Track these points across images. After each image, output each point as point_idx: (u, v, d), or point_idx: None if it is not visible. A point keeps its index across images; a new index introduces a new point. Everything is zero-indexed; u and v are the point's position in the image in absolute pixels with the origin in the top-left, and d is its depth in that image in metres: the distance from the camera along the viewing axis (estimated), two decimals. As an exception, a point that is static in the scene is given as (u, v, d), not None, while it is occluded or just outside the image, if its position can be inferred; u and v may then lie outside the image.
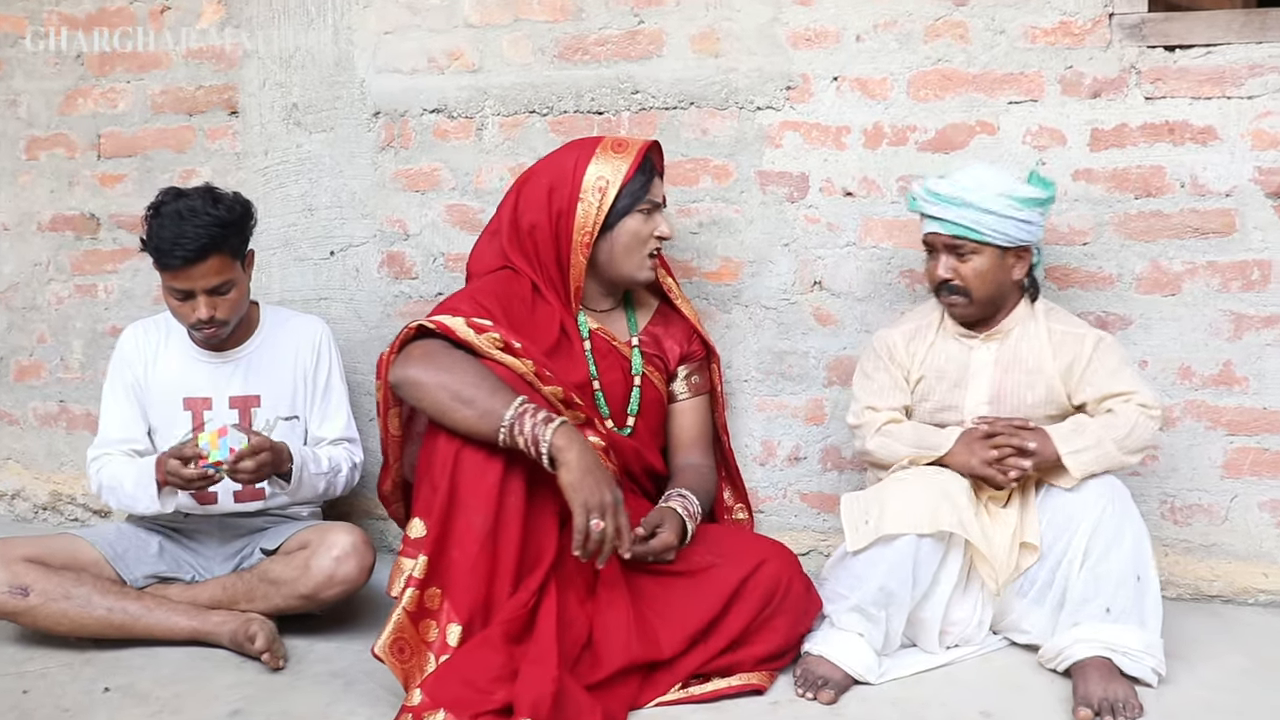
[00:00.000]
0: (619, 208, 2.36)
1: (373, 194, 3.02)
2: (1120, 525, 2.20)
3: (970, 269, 2.33)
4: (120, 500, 2.54)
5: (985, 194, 2.28)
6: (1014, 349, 2.40)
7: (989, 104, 2.66)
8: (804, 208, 2.78)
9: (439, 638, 2.09)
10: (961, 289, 2.34)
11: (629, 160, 2.37)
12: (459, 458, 2.13)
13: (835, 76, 2.73)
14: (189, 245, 2.37)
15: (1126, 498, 2.25)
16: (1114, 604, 2.16)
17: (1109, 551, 2.18)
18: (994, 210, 2.27)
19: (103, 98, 3.20)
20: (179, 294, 2.45)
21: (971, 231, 2.29)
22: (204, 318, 2.45)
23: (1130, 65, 2.59)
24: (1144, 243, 2.62)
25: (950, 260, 2.34)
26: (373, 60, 2.99)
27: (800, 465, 2.83)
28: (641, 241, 2.40)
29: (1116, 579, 2.17)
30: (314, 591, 2.43)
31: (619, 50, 2.84)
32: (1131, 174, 2.60)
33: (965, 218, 2.28)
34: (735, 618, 2.20)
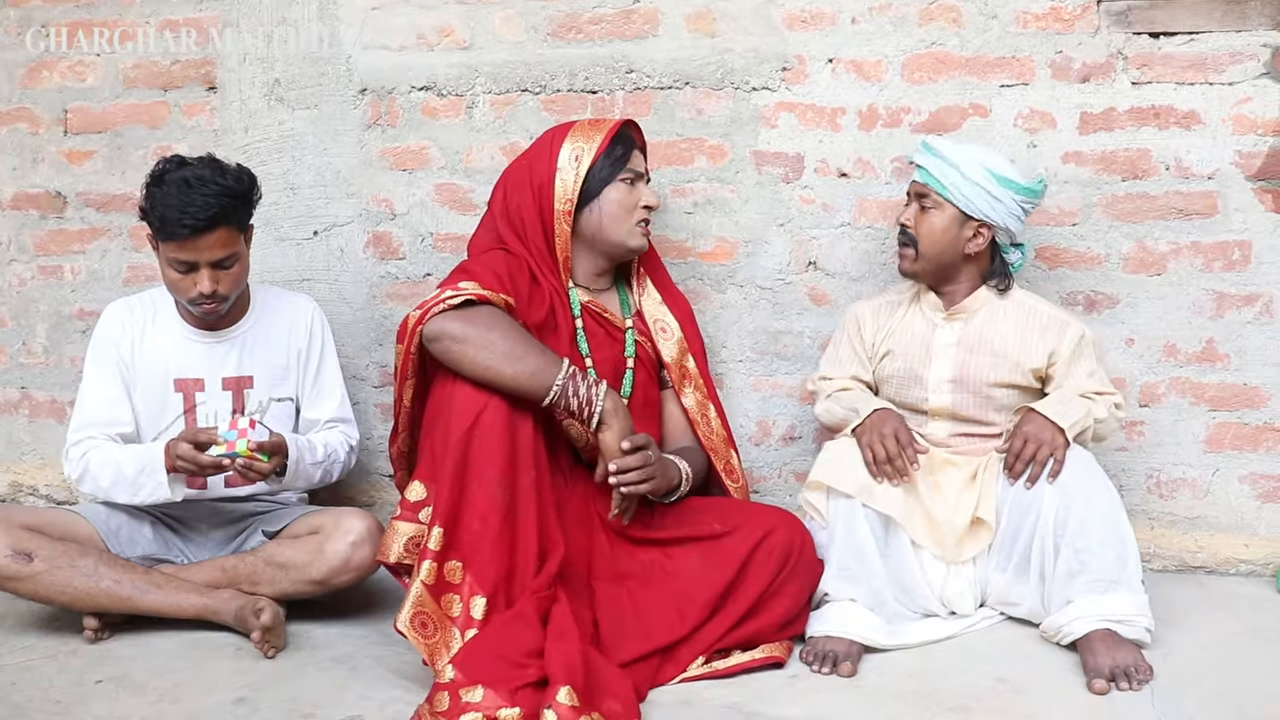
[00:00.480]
0: (599, 176, 2.38)
1: (358, 173, 2.96)
2: (1089, 492, 2.24)
3: (926, 222, 2.41)
4: (113, 486, 2.42)
5: (965, 157, 2.38)
6: (979, 330, 2.46)
7: (982, 87, 2.70)
8: (799, 188, 2.79)
9: (463, 612, 2.06)
10: (912, 238, 2.42)
11: (603, 132, 2.41)
12: (479, 421, 2.11)
13: (830, 58, 2.75)
14: (198, 214, 2.30)
15: (1090, 462, 2.29)
16: (1103, 576, 2.20)
17: (1085, 523, 2.21)
18: (967, 173, 2.36)
19: (70, 71, 3.08)
20: (182, 266, 2.37)
21: (938, 184, 2.38)
22: (206, 291, 2.38)
23: (1118, 51, 2.65)
24: (1131, 223, 2.68)
25: (915, 208, 2.43)
26: (359, 36, 2.93)
27: (795, 445, 2.85)
28: (628, 210, 2.41)
29: (1098, 549, 2.20)
30: (327, 577, 2.37)
31: (613, 29, 2.82)
32: (1119, 157, 2.66)
33: (938, 170, 2.38)
34: (751, 583, 2.20)
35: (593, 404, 2.18)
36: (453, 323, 2.17)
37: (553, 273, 2.41)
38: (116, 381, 2.52)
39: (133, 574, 2.37)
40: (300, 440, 2.50)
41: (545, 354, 2.19)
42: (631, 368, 2.46)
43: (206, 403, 2.54)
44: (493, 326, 2.17)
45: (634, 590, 2.22)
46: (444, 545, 2.08)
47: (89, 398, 2.52)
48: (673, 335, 2.54)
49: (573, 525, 2.25)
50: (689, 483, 2.37)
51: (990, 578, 2.36)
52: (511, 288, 2.31)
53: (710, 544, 2.25)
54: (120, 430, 2.50)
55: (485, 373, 2.14)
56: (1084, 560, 2.20)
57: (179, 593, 2.38)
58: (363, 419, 2.96)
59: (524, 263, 2.40)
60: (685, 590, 2.20)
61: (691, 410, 2.51)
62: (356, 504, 2.99)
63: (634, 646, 2.13)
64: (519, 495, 2.12)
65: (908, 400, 2.47)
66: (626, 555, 2.27)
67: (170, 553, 2.53)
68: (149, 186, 2.36)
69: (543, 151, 2.43)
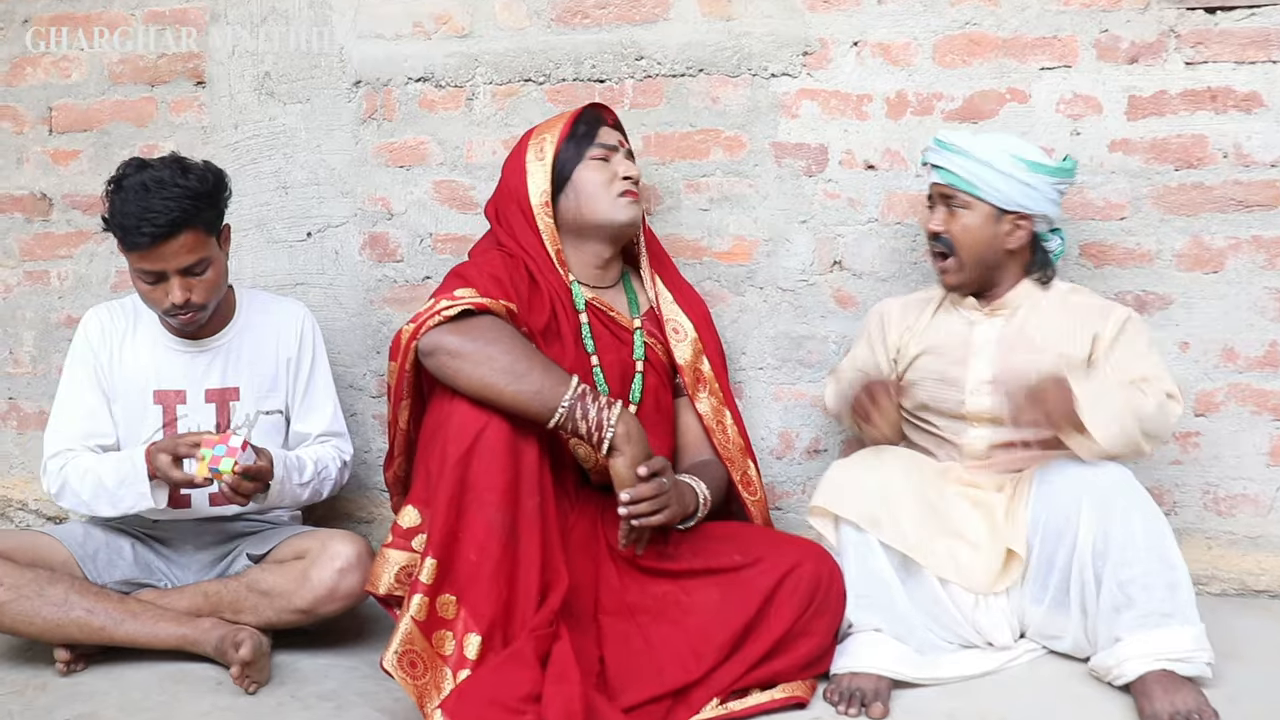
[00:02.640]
0: (567, 161, 2.27)
1: (353, 170, 2.80)
2: (1130, 515, 2.01)
3: (959, 225, 2.22)
4: (94, 499, 2.27)
5: (988, 147, 2.18)
6: (1020, 326, 2.26)
7: (1020, 70, 2.50)
8: (822, 182, 2.60)
9: (455, 651, 1.89)
10: (949, 245, 2.23)
11: (564, 120, 2.31)
12: (479, 442, 1.93)
13: (856, 41, 2.56)
14: (158, 220, 2.14)
15: (1128, 480, 2.06)
16: (1152, 609, 1.99)
17: (1127, 551, 2.00)
18: (993, 164, 2.17)
19: (54, 67, 2.94)
20: (149, 277, 2.21)
21: (965, 183, 2.19)
22: (178, 302, 2.22)
23: (1169, 28, 2.44)
24: (1184, 217, 2.47)
25: (942, 212, 2.24)
26: (353, 25, 2.76)
27: (821, 458, 2.65)
28: (604, 185, 2.27)
29: (1144, 580, 1.99)
30: (313, 606, 2.21)
31: (621, 13, 2.64)
32: (1171, 144, 2.46)
33: (962, 167, 2.19)
34: (774, 622, 2.00)
35: (603, 428, 1.99)
36: (449, 336, 2.01)
37: (552, 271, 2.27)
38: (95, 391, 2.37)
39: (107, 602, 2.21)
40: (288, 458, 2.35)
41: (551, 371, 2.01)
42: (641, 371, 2.29)
43: (188, 416, 2.39)
44: (493, 340, 2.00)
45: (645, 626, 2.04)
46: (437, 578, 1.91)
47: (66, 408, 2.38)
48: (686, 336, 2.36)
49: (578, 554, 2.08)
50: (706, 507, 2.18)
51: (1027, 609, 2.15)
52: (512, 291, 2.15)
53: (730, 577, 2.05)
54: (100, 442, 2.37)
55: (484, 390, 1.97)
56: (1129, 593, 1.99)
57: (157, 622, 2.22)
58: (359, 431, 2.80)
59: (521, 263, 2.25)
60: (702, 628, 2.01)
61: (706, 417, 2.33)
62: (353, 520, 2.84)
63: (643, 688, 1.95)
64: (521, 524, 1.95)
65: (944, 406, 2.28)
66: (637, 587, 2.09)
67: (152, 576, 2.38)
68: (109, 193, 2.21)
69: (513, 157, 2.34)
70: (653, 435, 2.23)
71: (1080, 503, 2.04)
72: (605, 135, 2.31)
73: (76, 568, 2.28)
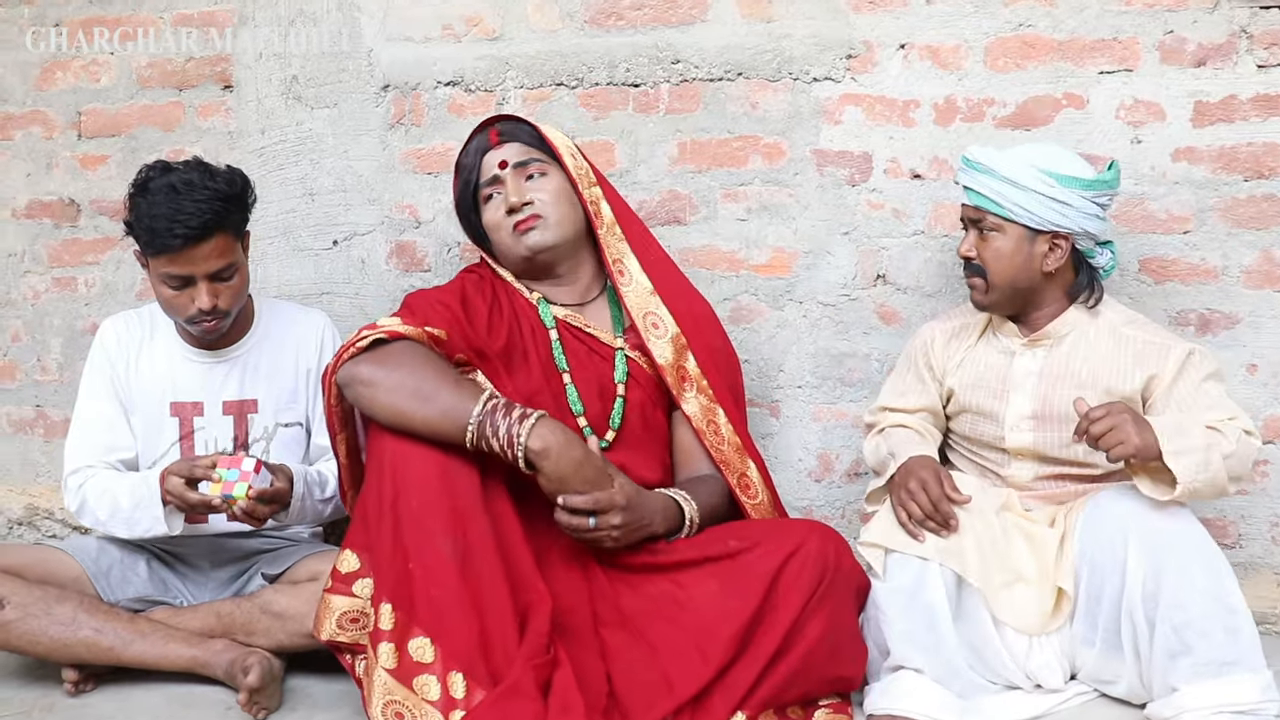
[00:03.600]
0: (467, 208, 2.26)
1: (380, 177, 2.72)
2: (1183, 553, 1.87)
3: (990, 249, 2.09)
4: (113, 520, 2.23)
5: (1014, 163, 2.03)
6: (1065, 359, 2.11)
7: (1077, 74, 2.37)
8: (866, 191, 2.49)
9: (442, 694, 1.80)
10: (979, 270, 2.09)
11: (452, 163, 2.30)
12: (407, 474, 1.86)
13: (903, 44, 2.44)
14: (190, 223, 2.09)
15: (1181, 513, 1.92)
16: (1212, 657, 1.84)
17: (1180, 592, 1.85)
18: (1019, 182, 2.02)
19: (84, 70, 2.90)
20: (175, 282, 2.16)
21: (993, 204, 2.05)
22: (205, 308, 2.17)
23: (1240, 29, 2.30)
24: (1254, 230, 2.33)
25: (973, 235, 2.11)
26: (381, 27, 2.69)
27: (861, 481, 2.53)
28: (499, 224, 2.20)
29: (1201, 624, 1.85)
30: None
31: (657, 15, 2.54)
32: (1241, 153, 2.32)
33: (988, 187, 2.05)
34: (782, 609, 1.86)
35: (514, 445, 1.86)
36: (362, 366, 1.97)
37: (516, 292, 2.21)
38: (113, 403, 2.32)
39: (116, 622, 2.15)
40: (309, 474, 2.28)
41: (461, 388, 1.92)
42: (622, 395, 2.16)
43: (205, 428, 2.33)
44: (402, 364, 1.94)
45: (645, 630, 1.92)
46: (399, 622, 1.84)
47: (85, 422, 2.34)
48: (666, 332, 2.17)
49: (563, 568, 1.98)
50: (694, 527, 2.03)
51: (1078, 649, 2.01)
52: (461, 314, 2.10)
53: (728, 564, 1.93)
54: (121, 456, 2.32)
55: (397, 418, 1.90)
56: (1186, 640, 1.85)
57: (167, 643, 2.16)
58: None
59: (489, 283, 2.21)
60: (704, 623, 1.89)
61: (695, 418, 2.17)
62: (378, 538, 2.75)
63: (656, 704, 1.83)
64: (474, 548, 1.85)
65: (985, 437, 2.16)
66: (629, 590, 1.97)
67: (168, 593, 2.32)
68: (133, 197, 2.16)
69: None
70: (641, 457, 2.13)
71: (1127, 536, 1.90)
72: (487, 166, 2.22)
73: (89, 584, 2.23)
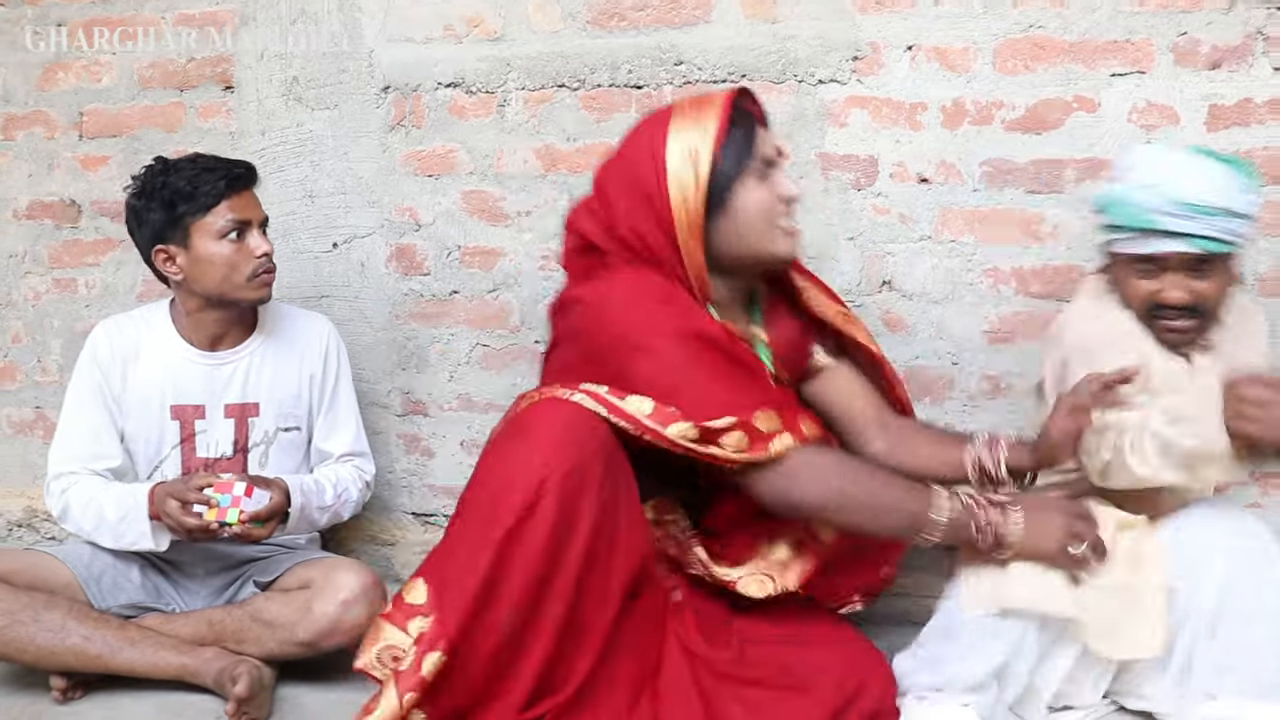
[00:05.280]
0: (722, 174, 1.86)
1: (381, 179, 2.69)
2: (1260, 577, 1.84)
3: (1214, 286, 1.88)
4: (96, 530, 2.22)
5: (1233, 194, 1.83)
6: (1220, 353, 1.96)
7: (1089, 77, 2.31)
8: (872, 196, 2.44)
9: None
10: (1200, 311, 1.89)
11: (715, 115, 1.87)
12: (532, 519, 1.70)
13: (910, 45, 2.39)
14: (231, 167, 2.25)
15: (1267, 541, 1.88)
16: (1259, 678, 1.80)
17: (1252, 612, 1.81)
18: (1243, 212, 1.84)
19: (85, 71, 2.88)
20: (234, 229, 2.22)
21: (1224, 244, 1.85)
22: (269, 249, 2.25)
23: (1256, 30, 2.24)
24: (1270, 238, 2.28)
25: (1184, 279, 1.87)
26: (382, 27, 2.66)
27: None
28: (765, 211, 1.89)
29: (1256, 646, 1.81)
30: (315, 639, 2.11)
31: (660, 15, 2.50)
32: (1256, 156, 2.26)
33: (1222, 228, 1.83)
34: None
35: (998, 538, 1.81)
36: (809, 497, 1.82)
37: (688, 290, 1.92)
38: (100, 411, 2.30)
39: (105, 629, 2.13)
40: (306, 483, 2.27)
41: (911, 491, 1.84)
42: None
43: (207, 431, 2.31)
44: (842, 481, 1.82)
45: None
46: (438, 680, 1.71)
47: (70, 428, 2.31)
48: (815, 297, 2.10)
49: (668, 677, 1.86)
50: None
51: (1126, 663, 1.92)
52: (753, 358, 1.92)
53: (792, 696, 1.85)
54: (106, 465, 2.29)
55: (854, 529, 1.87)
56: (1239, 656, 1.81)
57: (157, 650, 2.13)
58: (384, 450, 2.70)
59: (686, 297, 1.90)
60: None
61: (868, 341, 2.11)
62: (376, 543, 2.74)
63: None
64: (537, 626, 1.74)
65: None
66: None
67: (160, 599, 2.30)
68: (147, 184, 2.23)
69: (642, 151, 1.90)
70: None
71: (1213, 554, 1.86)
72: (763, 142, 1.91)
73: (80, 591, 2.20)
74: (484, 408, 2.68)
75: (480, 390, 2.69)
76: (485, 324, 2.67)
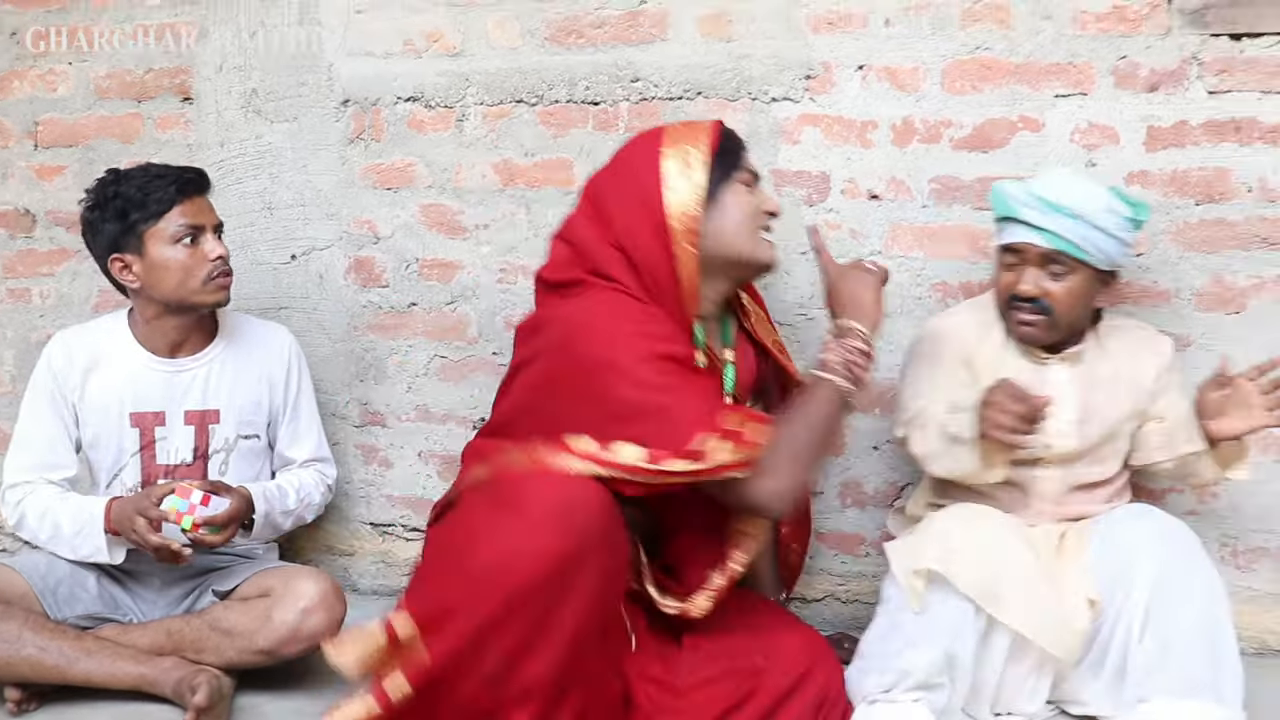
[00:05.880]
0: (715, 179, 1.97)
1: (339, 191, 2.72)
2: (1188, 578, 1.92)
3: (1063, 289, 2.05)
4: (51, 541, 2.24)
5: (1096, 207, 2.01)
6: (1090, 367, 2.14)
7: (1033, 97, 2.38)
8: (824, 211, 2.50)
9: None
10: (1046, 308, 2.06)
11: (707, 133, 2.01)
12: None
13: (861, 65, 2.45)
14: (182, 173, 2.28)
15: (1193, 543, 1.97)
16: (1186, 678, 1.87)
17: (1176, 612, 1.89)
18: (1104, 227, 2.01)
19: (41, 80, 2.87)
20: (188, 235, 2.24)
21: (1076, 248, 2.01)
22: (223, 253, 2.28)
23: (1192, 55, 2.32)
24: (1205, 254, 2.35)
25: (1039, 275, 2.05)
26: (342, 42, 2.68)
27: (817, 501, 2.53)
28: (751, 216, 2.02)
29: (1185, 645, 1.88)
30: (274, 647, 2.12)
31: (618, 33, 2.55)
32: (1192, 177, 2.34)
33: (1074, 232, 2.00)
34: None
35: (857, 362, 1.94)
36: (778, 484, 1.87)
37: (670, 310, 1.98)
38: (56, 421, 2.30)
39: (62, 640, 2.13)
40: (268, 490, 2.30)
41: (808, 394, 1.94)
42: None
43: (167, 438, 2.33)
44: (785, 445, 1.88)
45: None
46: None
47: (25, 437, 2.33)
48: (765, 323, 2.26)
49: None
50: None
51: (1064, 670, 2.01)
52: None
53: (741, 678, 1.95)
54: (62, 475, 2.31)
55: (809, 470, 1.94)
56: (1166, 657, 1.88)
57: (115, 661, 2.14)
58: (342, 460, 2.72)
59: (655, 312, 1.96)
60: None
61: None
62: (334, 553, 2.76)
63: None
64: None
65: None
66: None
67: (117, 610, 2.30)
68: (99, 195, 2.25)
69: (638, 162, 2.00)
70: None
71: (1139, 556, 1.95)
72: (748, 160, 2.06)
73: (36, 601, 2.20)
74: (441, 419, 2.71)
75: (438, 401, 2.71)
76: (443, 336, 2.69)
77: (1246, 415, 2.00)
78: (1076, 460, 2.13)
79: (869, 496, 2.53)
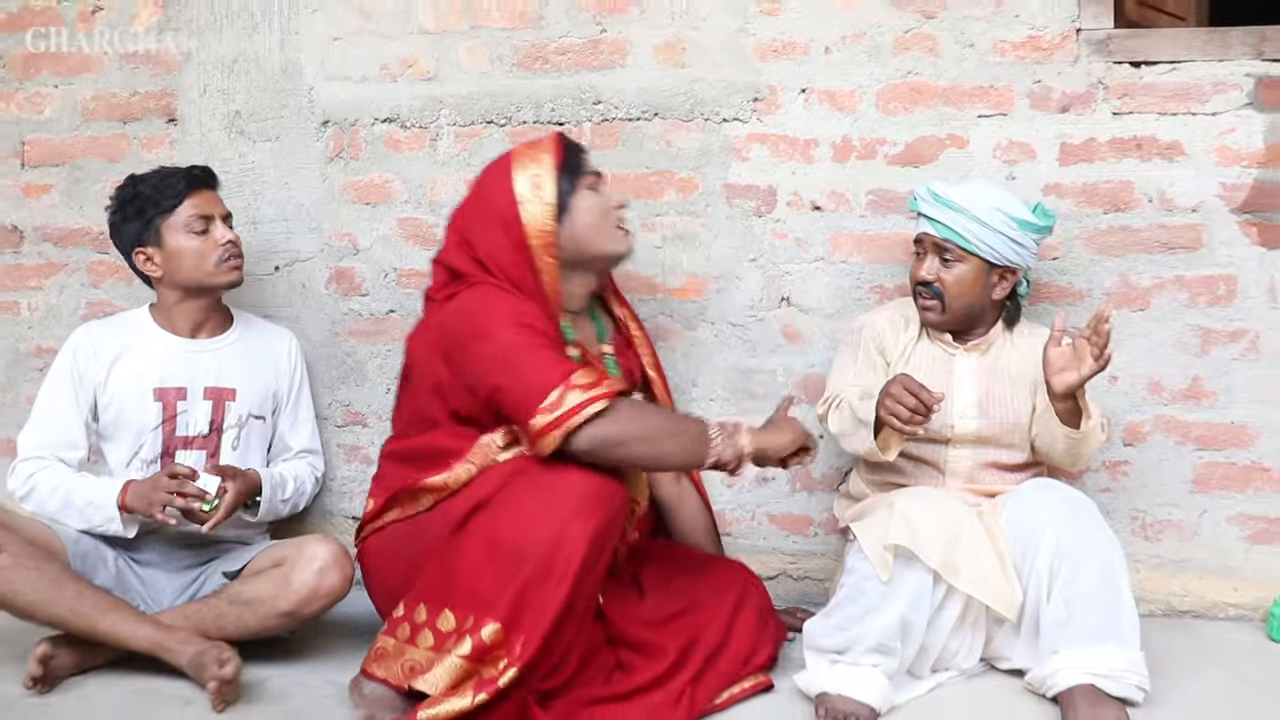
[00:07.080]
0: (562, 190, 2.23)
1: (321, 207, 2.89)
2: (1086, 539, 2.15)
3: (952, 276, 2.33)
4: (60, 511, 2.39)
5: (982, 205, 2.28)
6: (995, 358, 2.40)
7: (959, 117, 2.63)
8: (771, 222, 2.72)
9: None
10: (938, 293, 2.33)
11: (549, 149, 2.27)
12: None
13: (803, 88, 2.68)
14: (192, 170, 2.50)
15: (1089, 507, 2.21)
16: (1090, 627, 2.10)
17: (1077, 570, 2.12)
18: (987, 222, 2.28)
19: (27, 102, 3.00)
20: (200, 224, 2.47)
21: (960, 238, 2.29)
22: (233, 238, 2.51)
23: (1098, 80, 2.58)
24: (1113, 257, 2.61)
25: (935, 262, 2.34)
26: (322, 67, 2.86)
27: (769, 486, 2.76)
28: (603, 214, 2.27)
29: (1087, 600, 2.11)
30: (297, 607, 2.29)
31: (581, 59, 2.75)
32: (1100, 189, 2.59)
33: (957, 223, 2.29)
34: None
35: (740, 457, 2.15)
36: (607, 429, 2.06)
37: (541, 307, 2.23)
38: (74, 405, 2.47)
39: (95, 592, 2.29)
40: (273, 475, 2.52)
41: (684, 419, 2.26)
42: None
43: (188, 411, 2.52)
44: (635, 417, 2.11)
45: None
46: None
47: (42, 416, 2.49)
48: (645, 346, 2.51)
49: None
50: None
51: (989, 630, 2.25)
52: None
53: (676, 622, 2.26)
54: (74, 454, 2.47)
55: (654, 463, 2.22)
56: (1073, 610, 2.11)
57: (137, 622, 2.27)
58: (326, 459, 2.86)
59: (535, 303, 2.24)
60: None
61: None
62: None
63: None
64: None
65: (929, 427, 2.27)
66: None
67: (128, 594, 2.44)
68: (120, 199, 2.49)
69: (494, 187, 2.26)
70: None
71: (1044, 524, 2.16)
72: (589, 166, 2.30)
73: (68, 561, 2.33)
74: (419, 418, 2.88)
75: (416, 402, 2.89)
76: (420, 340, 2.87)
77: (1079, 365, 2.19)
78: (987, 444, 2.37)
79: (816, 482, 2.75)
